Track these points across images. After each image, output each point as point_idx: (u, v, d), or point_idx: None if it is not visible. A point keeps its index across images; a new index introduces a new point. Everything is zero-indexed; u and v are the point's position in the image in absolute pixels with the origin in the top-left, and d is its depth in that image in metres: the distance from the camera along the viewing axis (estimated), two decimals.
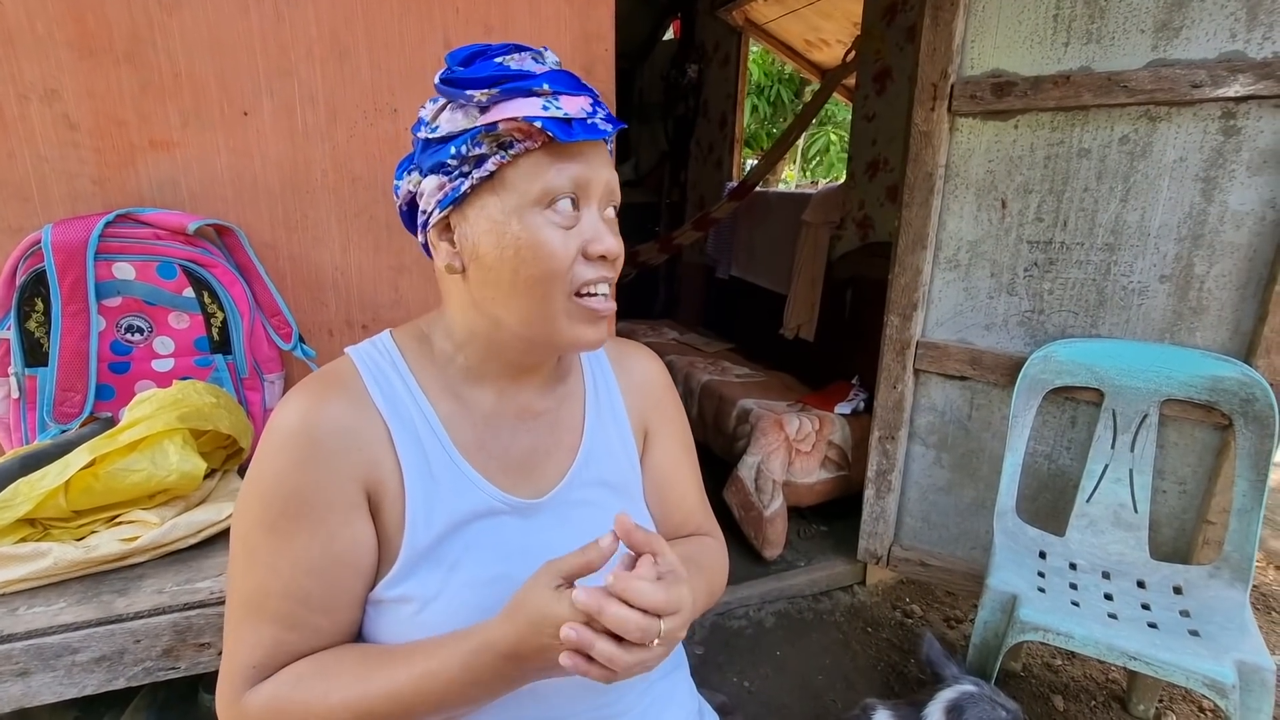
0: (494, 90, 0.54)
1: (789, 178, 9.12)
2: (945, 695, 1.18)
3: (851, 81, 2.70)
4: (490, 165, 0.55)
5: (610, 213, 0.61)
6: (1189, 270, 1.46)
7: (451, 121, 0.56)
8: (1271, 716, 1.15)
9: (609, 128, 0.57)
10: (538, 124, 0.53)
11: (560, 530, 0.67)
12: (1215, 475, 1.48)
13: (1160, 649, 1.19)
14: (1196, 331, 1.48)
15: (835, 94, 3.05)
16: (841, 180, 2.75)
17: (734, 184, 3.30)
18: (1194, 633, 1.26)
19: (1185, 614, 1.33)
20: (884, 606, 2.02)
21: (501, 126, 0.54)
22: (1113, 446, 1.55)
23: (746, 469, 2.11)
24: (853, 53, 2.61)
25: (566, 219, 0.57)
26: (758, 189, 3.21)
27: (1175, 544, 1.55)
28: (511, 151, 0.55)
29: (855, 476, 2.17)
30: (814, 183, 8.57)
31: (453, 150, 0.55)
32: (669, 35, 4.24)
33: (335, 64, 1.25)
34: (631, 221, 4.11)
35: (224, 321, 1.21)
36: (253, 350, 1.24)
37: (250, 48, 1.19)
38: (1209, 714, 1.61)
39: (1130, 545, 1.52)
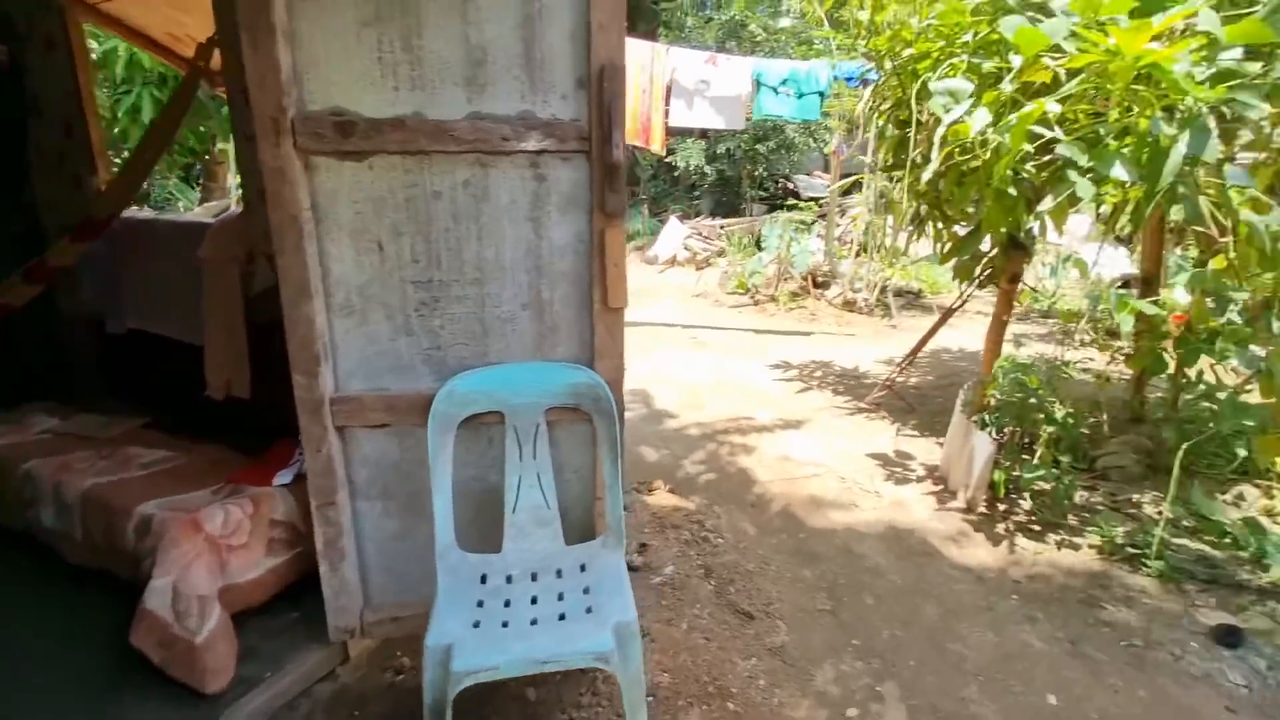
0: None
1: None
2: None
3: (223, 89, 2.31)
4: None
5: None
6: (540, 296, 1.69)
7: None
8: (641, 657, 1.44)
9: None
10: None
11: None
12: (595, 461, 1.80)
13: (563, 644, 1.36)
14: (557, 347, 1.74)
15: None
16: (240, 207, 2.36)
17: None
18: (589, 609, 1.49)
19: (587, 590, 1.57)
20: (373, 675, 1.87)
21: None
22: (520, 458, 1.72)
23: (157, 597, 1.63)
24: (213, 50, 2.22)
25: None
26: (144, 218, 2.52)
27: (584, 524, 1.84)
28: None
29: (314, 547, 1.92)
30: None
31: None
32: None
33: None
34: None
35: None
36: None
37: None
38: None
39: (549, 539, 1.73)
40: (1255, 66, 1.87)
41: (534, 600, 1.55)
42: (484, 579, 1.61)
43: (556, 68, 1.56)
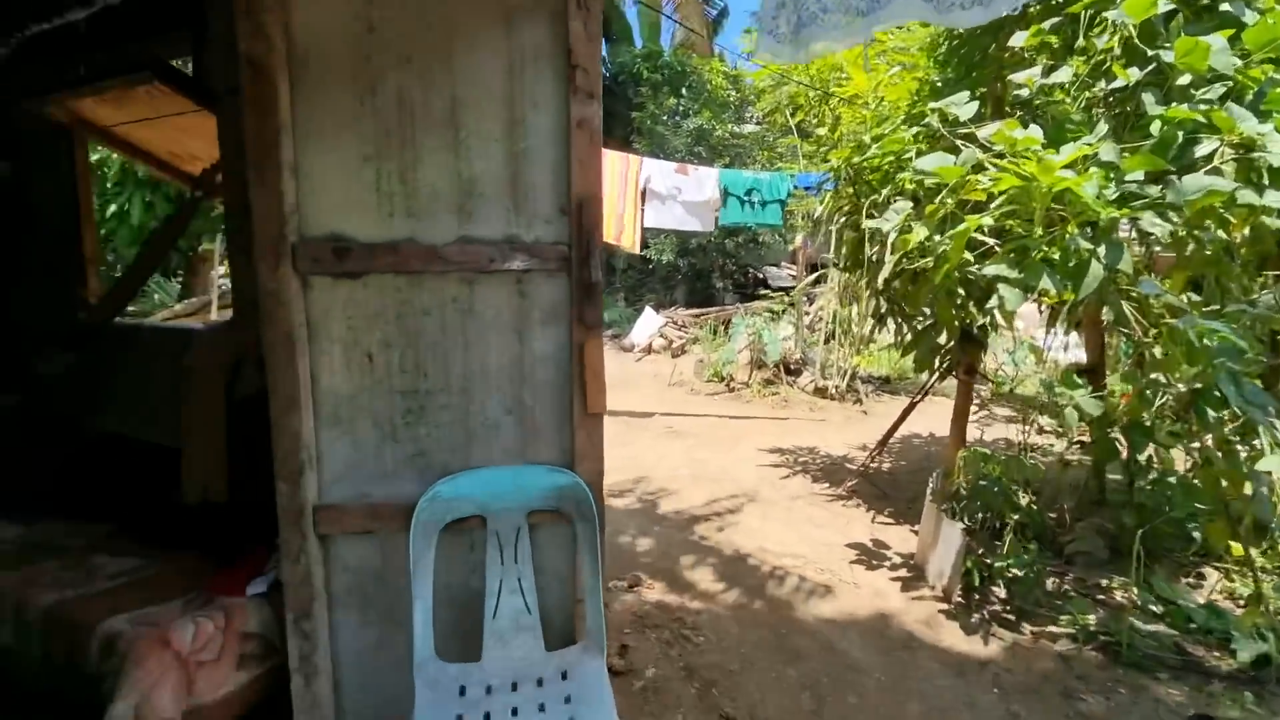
0: None
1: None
2: None
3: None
4: None
5: None
6: (523, 403, 1.77)
7: None
8: None
9: None
10: None
11: None
12: (575, 564, 1.82)
13: None
14: (539, 451, 1.80)
15: None
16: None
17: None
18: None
19: (568, 700, 1.56)
20: None
21: None
22: (502, 561, 1.74)
23: None
24: (217, 175, 2.37)
25: None
26: (129, 324, 2.58)
27: (564, 629, 1.83)
28: None
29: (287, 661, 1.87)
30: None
31: None
32: None
33: None
34: None
35: None
36: None
37: None
38: None
39: (530, 646, 1.72)
40: (1155, 189, 2.13)
41: (514, 712, 1.53)
42: (463, 691, 1.59)
43: (540, 197, 1.72)
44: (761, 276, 12.28)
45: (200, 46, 2.28)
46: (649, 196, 5.77)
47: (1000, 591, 2.85)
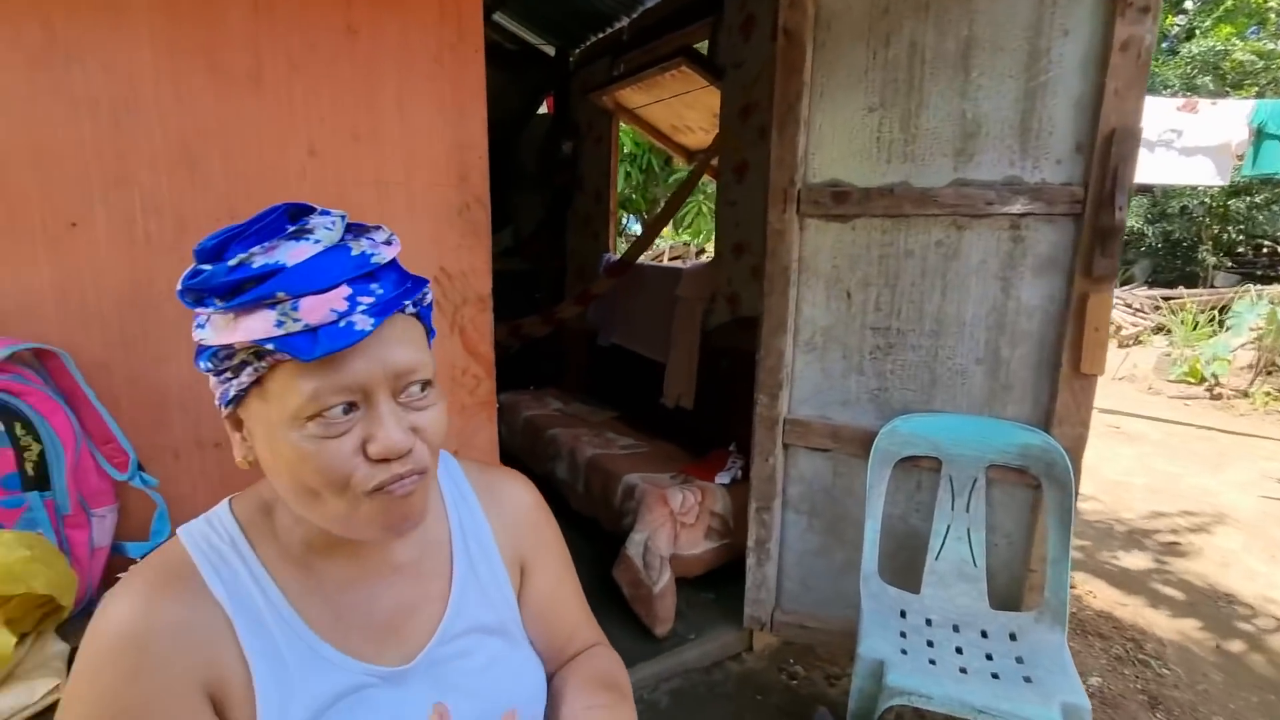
0: (231, 305, 0.50)
1: (667, 235, 9.60)
2: None
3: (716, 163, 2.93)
4: (248, 375, 0.52)
5: (414, 391, 0.56)
6: (997, 354, 1.71)
7: (212, 322, 0.52)
8: None
9: (370, 323, 0.51)
10: (270, 345, 0.50)
11: (436, 692, 0.65)
12: (1033, 529, 1.71)
13: (1001, 700, 1.34)
14: (1008, 405, 1.72)
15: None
16: (709, 252, 2.93)
17: (613, 257, 3.42)
18: (1027, 679, 1.43)
19: (1020, 660, 1.51)
20: (771, 671, 2.09)
21: (238, 347, 0.51)
22: (952, 508, 1.75)
23: (635, 547, 2.13)
24: (714, 144, 2.84)
25: (335, 427, 0.52)
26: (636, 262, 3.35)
27: (1009, 592, 1.76)
28: (264, 362, 0.51)
29: (738, 543, 2.25)
30: (689, 245, 9.03)
31: (206, 364, 0.54)
32: (543, 110, 4.37)
33: (185, 172, 1.18)
34: (512, 290, 4.11)
35: (41, 454, 1.07)
36: (78, 483, 1.11)
37: (80, 156, 1.10)
38: None
39: (973, 597, 1.71)
40: None
41: (959, 650, 1.55)
42: (903, 614, 1.68)
43: (1054, 135, 1.59)
44: None
45: (717, 32, 2.72)
46: None
47: None
